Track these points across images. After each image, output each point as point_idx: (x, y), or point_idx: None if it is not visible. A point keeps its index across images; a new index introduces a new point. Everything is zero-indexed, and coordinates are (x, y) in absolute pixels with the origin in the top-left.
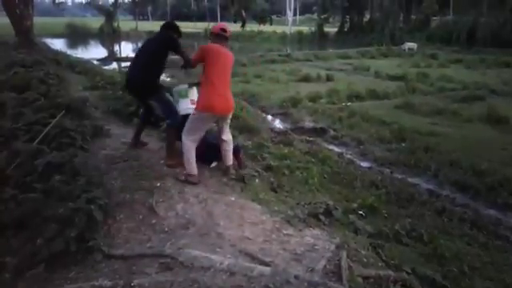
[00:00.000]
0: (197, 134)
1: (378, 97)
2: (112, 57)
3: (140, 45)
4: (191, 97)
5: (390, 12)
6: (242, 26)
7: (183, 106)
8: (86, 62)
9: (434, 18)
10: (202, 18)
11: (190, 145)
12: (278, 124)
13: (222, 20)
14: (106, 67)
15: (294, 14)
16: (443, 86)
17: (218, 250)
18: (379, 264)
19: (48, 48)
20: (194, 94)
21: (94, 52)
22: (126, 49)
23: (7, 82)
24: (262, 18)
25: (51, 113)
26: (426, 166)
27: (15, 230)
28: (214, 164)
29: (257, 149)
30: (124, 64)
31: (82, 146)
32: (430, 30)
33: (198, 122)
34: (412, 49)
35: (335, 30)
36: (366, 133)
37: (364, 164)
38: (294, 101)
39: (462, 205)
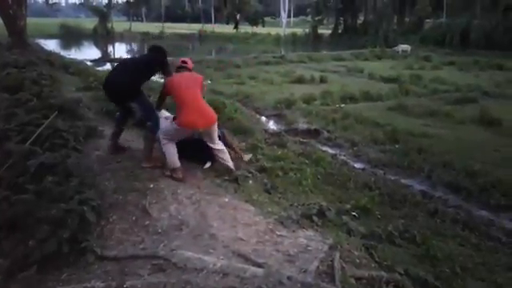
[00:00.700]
0: (174, 139)
1: (371, 98)
2: (105, 58)
3: (133, 47)
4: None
5: (383, 14)
6: (235, 27)
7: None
8: (79, 63)
9: (428, 21)
10: (196, 19)
11: (168, 142)
12: (272, 125)
13: (216, 21)
14: (100, 68)
15: (288, 16)
16: (436, 87)
17: (211, 251)
18: (372, 265)
19: (41, 49)
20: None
21: (88, 53)
22: (120, 50)
23: (0, 83)
24: (253, 20)
25: (44, 113)
26: (419, 167)
27: (7, 232)
28: (207, 165)
29: (251, 150)
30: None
31: (74, 147)
32: (424, 32)
33: (178, 132)
34: (405, 51)
35: (329, 31)
36: (360, 134)
37: (357, 165)
38: (288, 102)
39: (455, 206)
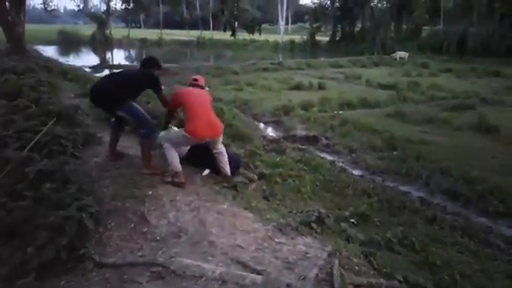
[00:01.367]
0: (178, 146)
1: (369, 105)
2: (104, 64)
3: (132, 53)
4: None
5: (381, 22)
6: (232, 34)
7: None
8: (77, 70)
9: (425, 28)
10: (194, 26)
11: (170, 147)
12: (270, 132)
13: (214, 28)
14: (98, 74)
15: (286, 23)
16: (434, 94)
17: (209, 258)
18: (371, 272)
19: (39, 55)
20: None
21: (86, 59)
22: (118, 56)
23: None
24: (250, 28)
25: (42, 120)
26: (417, 174)
27: (5, 239)
28: (206, 172)
29: (249, 157)
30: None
31: (73, 154)
32: (421, 39)
33: (184, 139)
34: (403, 58)
35: (327, 39)
36: (358, 141)
37: (356, 172)
38: (286, 109)
39: (453, 213)
